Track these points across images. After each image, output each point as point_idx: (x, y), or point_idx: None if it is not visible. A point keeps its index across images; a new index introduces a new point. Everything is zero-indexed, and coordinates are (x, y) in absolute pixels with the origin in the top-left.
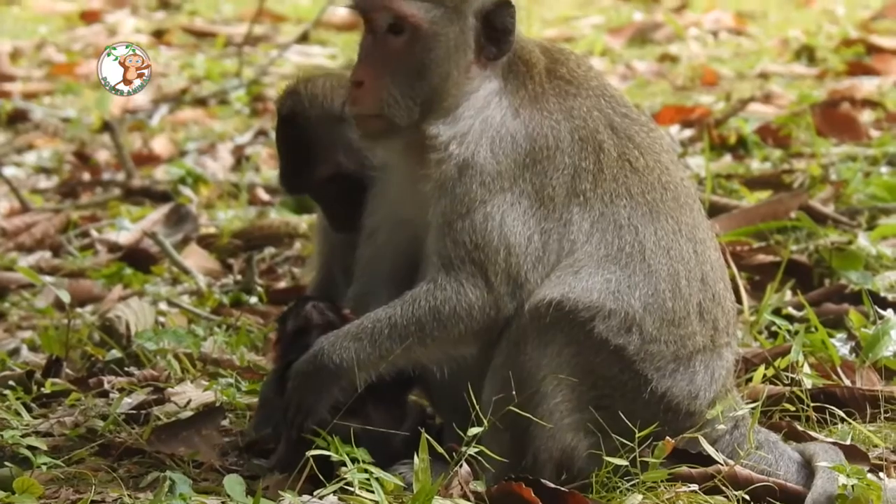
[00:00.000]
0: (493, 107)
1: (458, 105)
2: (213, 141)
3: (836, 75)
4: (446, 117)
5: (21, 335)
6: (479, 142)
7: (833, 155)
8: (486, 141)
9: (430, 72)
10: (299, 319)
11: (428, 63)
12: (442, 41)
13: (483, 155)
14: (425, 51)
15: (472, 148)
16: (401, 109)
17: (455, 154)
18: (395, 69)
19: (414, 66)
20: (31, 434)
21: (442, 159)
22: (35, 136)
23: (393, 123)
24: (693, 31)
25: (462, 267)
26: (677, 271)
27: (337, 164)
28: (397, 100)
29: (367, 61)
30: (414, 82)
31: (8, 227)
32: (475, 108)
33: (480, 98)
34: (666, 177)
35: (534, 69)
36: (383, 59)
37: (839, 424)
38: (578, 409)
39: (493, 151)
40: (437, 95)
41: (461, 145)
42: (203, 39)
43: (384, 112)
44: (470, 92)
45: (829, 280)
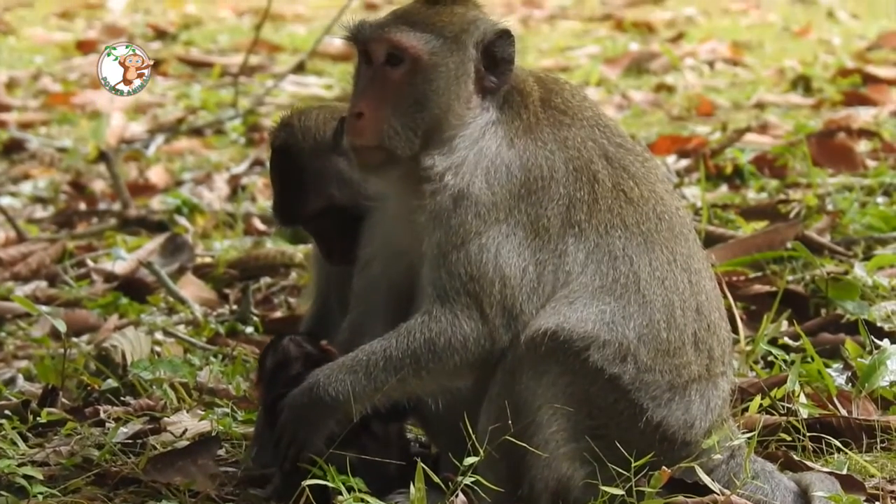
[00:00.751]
0: (487, 137)
1: (454, 136)
2: (208, 171)
3: (832, 105)
4: (442, 148)
5: (17, 365)
6: (473, 172)
7: (829, 185)
8: (480, 172)
9: (431, 103)
10: (278, 355)
11: (429, 94)
12: (442, 72)
13: (478, 186)
14: (426, 82)
15: (467, 178)
16: (402, 141)
17: (450, 185)
18: (396, 101)
19: (415, 98)
20: (28, 463)
21: (437, 190)
22: (31, 166)
23: (393, 155)
24: (689, 62)
25: (457, 298)
26: (672, 301)
27: (329, 196)
28: (398, 131)
29: (366, 93)
30: (415, 113)
31: (4, 257)
32: (471, 138)
33: (476, 128)
34: (661, 207)
35: (528, 98)
36: (383, 90)
37: (835, 454)
38: (574, 438)
39: (489, 182)
40: (438, 126)
41: (456, 176)
42: (199, 69)
43: (384, 144)
44: (468, 122)
45: (826, 310)
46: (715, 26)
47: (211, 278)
